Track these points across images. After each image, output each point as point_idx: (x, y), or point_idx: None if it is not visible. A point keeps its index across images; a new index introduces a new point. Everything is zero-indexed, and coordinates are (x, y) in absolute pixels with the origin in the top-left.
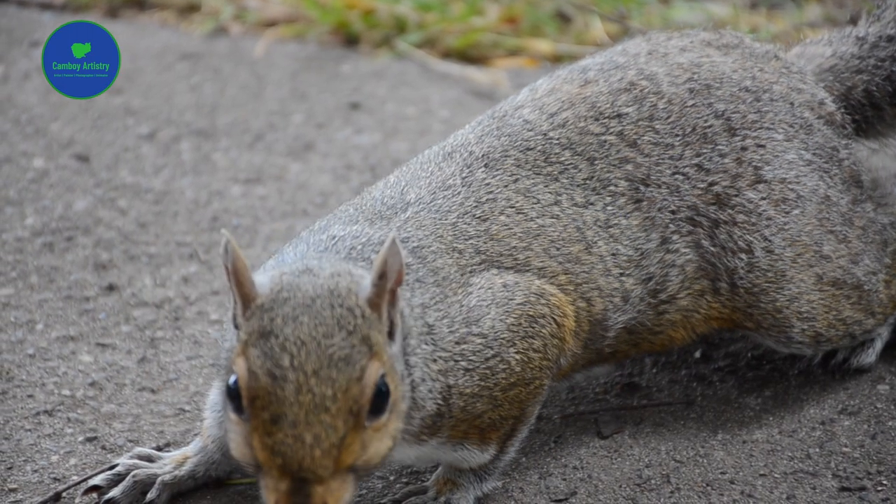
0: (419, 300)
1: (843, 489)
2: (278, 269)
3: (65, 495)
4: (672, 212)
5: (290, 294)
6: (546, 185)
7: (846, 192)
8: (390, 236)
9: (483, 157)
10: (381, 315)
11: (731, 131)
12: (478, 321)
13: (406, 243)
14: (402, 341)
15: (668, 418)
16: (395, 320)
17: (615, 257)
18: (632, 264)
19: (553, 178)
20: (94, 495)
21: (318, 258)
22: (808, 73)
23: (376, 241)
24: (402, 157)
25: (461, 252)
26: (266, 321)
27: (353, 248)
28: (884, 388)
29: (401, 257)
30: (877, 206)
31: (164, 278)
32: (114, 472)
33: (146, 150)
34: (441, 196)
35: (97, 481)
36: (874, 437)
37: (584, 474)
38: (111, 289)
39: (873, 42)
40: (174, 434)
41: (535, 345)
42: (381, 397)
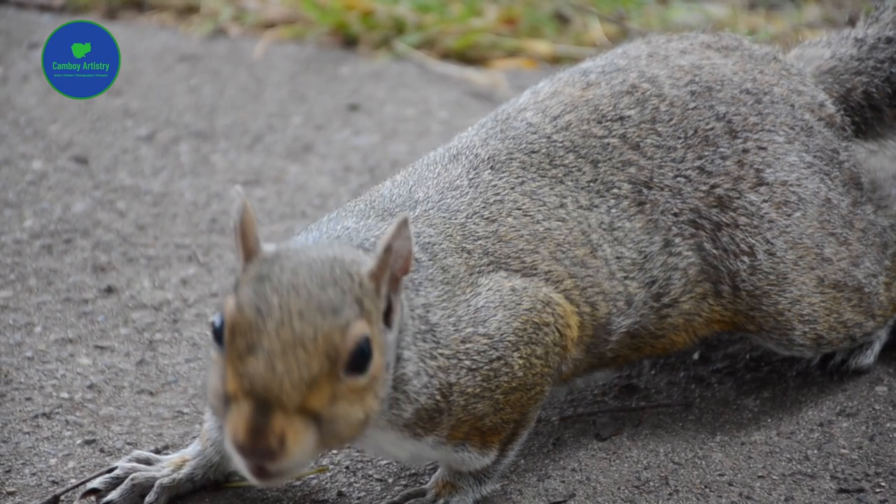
0: (422, 300)
1: (841, 491)
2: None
3: (63, 498)
4: (675, 214)
5: (293, 254)
6: (551, 188)
7: (846, 195)
8: (400, 216)
9: (489, 160)
10: (379, 290)
11: (732, 134)
12: (485, 322)
13: (417, 238)
14: (398, 334)
15: (667, 420)
16: (394, 306)
17: (619, 260)
18: (635, 267)
19: (558, 181)
20: (93, 498)
21: (329, 242)
22: (808, 75)
23: None
24: (401, 158)
25: (470, 252)
26: (264, 269)
27: (365, 239)
28: (882, 389)
29: (410, 243)
30: (877, 208)
31: (162, 280)
32: (112, 475)
33: (145, 152)
34: (449, 196)
35: (95, 484)
36: (872, 439)
37: (583, 476)
38: (110, 291)
39: (872, 44)
40: (173, 437)
41: (538, 352)
42: (363, 357)
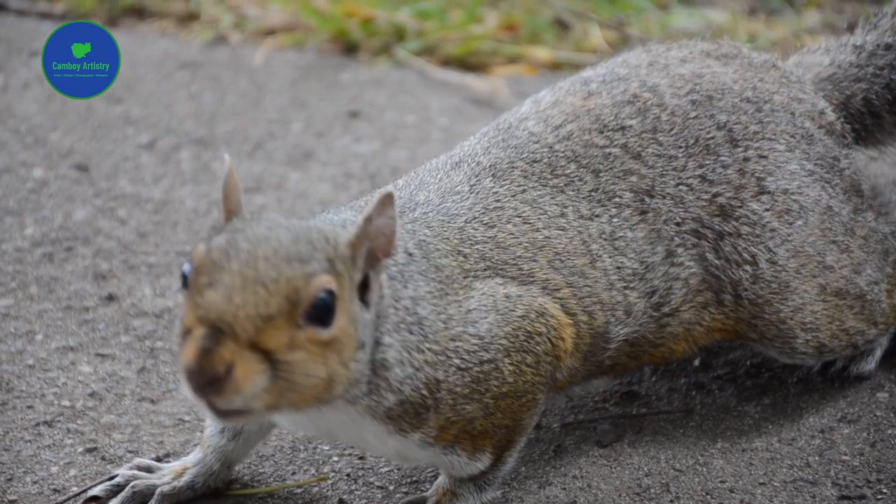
0: (411, 292)
1: (842, 497)
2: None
3: None
4: (677, 224)
5: (273, 216)
6: (552, 197)
7: (847, 202)
8: (383, 190)
9: (490, 168)
10: (355, 259)
11: (733, 142)
12: (476, 322)
13: (413, 236)
14: (377, 318)
15: (668, 427)
16: (371, 284)
17: (619, 270)
18: (636, 277)
19: (559, 190)
20: None
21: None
22: (807, 83)
23: None
24: (402, 165)
25: (466, 256)
26: (241, 224)
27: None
28: (883, 395)
29: (394, 222)
30: (878, 215)
31: (163, 288)
32: (113, 482)
33: (146, 160)
34: (450, 200)
35: (96, 492)
36: (874, 446)
37: (584, 483)
38: (111, 299)
39: (871, 50)
40: (174, 444)
41: (528, 360)
42: (325, 310)
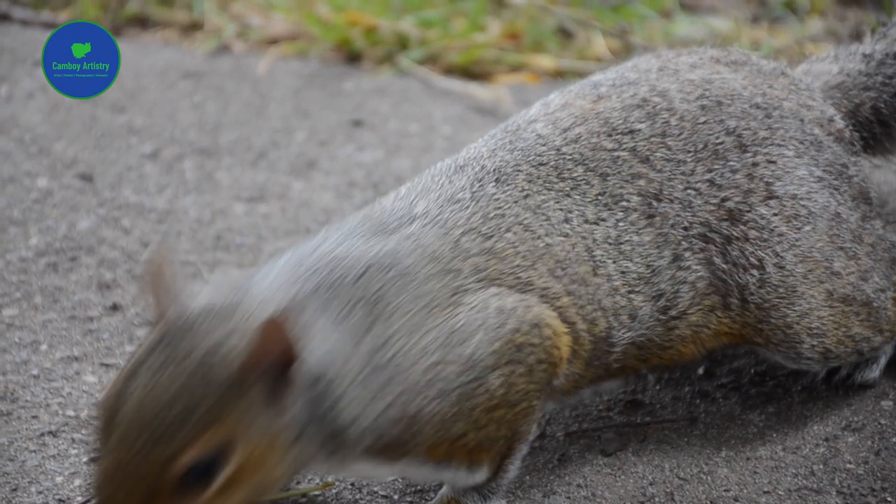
0: (373, 340)
1: None
2: (221, 290)
3: None
4: (685, 228)
5: (181, 332)
6: (557, 202)
7: (856, 209)
8: (269, 316)
9: (495, 171)
10: (251, 384)
11: (742, 147)
12: (460, 344)
13: (397, 265)
14: (313, 396)
15: (672, 435)
16: (284, 392)
17: (624, 275)
18: (642, 281)
19: (565, 195)
20: None
21: (271, 289)
22: (816, 91)
23: (363, 262)
24: (405, 174)
25: (458, 272)
26: (144, 351)
27: (333, 269)
28: (888, 404)
29: (285, 337)
30: (885, 223)
31: None
32: None
33: (149, 169)
34: (448, 210)
35: None
36: (878, 454)
37: (588, 492)
38: (115, 308)
39: (880, 59)
40: None
41: (520, 370)
42: (208, 470)
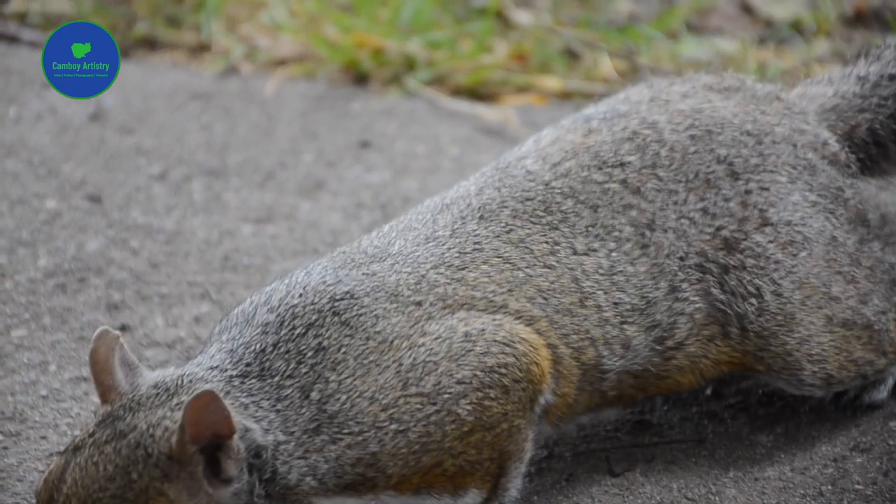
0: (318, 395)
1: None
2: (162, 372)
3: None
4: (681, 258)
5: (126, 409)
6: (543, 235)
7: (853, 232)
8: (198, 392)
9: (479, 209)
10: (190, 458)
11: (734, 175)
12: (419, 381)
13: (347, 312)
14: (260, 463)
15: (680, 456)
16: (224, 465)
17: (616, 306)
18: (636, 312)
19: (552, 227)
20: None
21: (214, 361)
22: (811, 114)
23: (316, 309)
24: (413, 194)
25: (419, 303)
26: (90, 430)
27: (281, 323)
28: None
29: (219, 411)
30: (885, 245)
31: (175, 318)
32: None
33: (158, 190)
34: (423, 249)
35: None
36: (886, 475)
37: None
38: (123, 329)
39: (875, 81)
40: None
41: (493, 394)
42: None
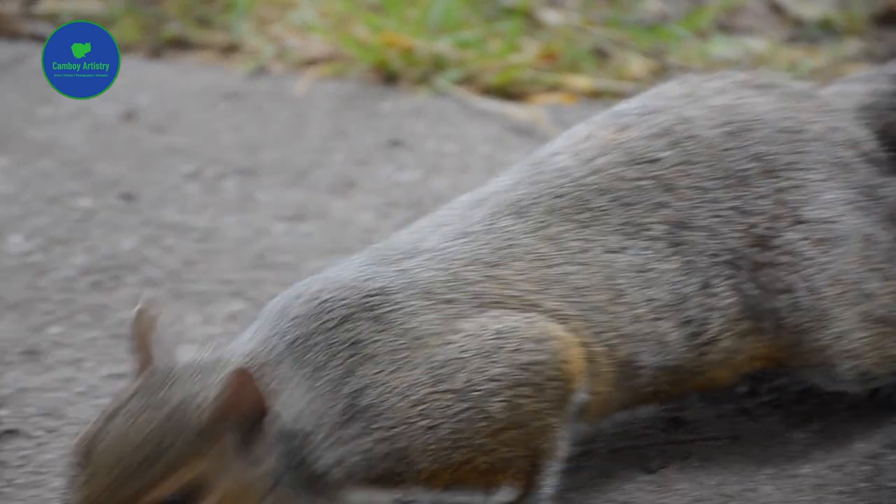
0: (350, 389)
1: None
2: (203, 351)
3: None
4: (713, 255)
5: (163, 381)
6: (577, 232)
7: (888, 230)
8: (237, 368)
9: (513, 205)
10: (219, 437)
11: (768, 173)
12: (450, 377)
13: (380, 308)
14: (290, 448)
15: (715, 453)
16: (255, 445)
17: (650, 303)
18: (669, 309)
19: (585, 225)
20: None
21: (250, 344)
22: (847, 111)
23: (349, 304)
24: (444, 193)
25: (451, 301)
26: (125, 397)
27: (316, 315)
28: None
29: (253, 391)
30: None
31: (209, 316)
32: None
33: (191, 189)
34: (456, 245)
35: None
36: None
37: None
38: None
39: None
40: None
41: (525, 391)
42: None
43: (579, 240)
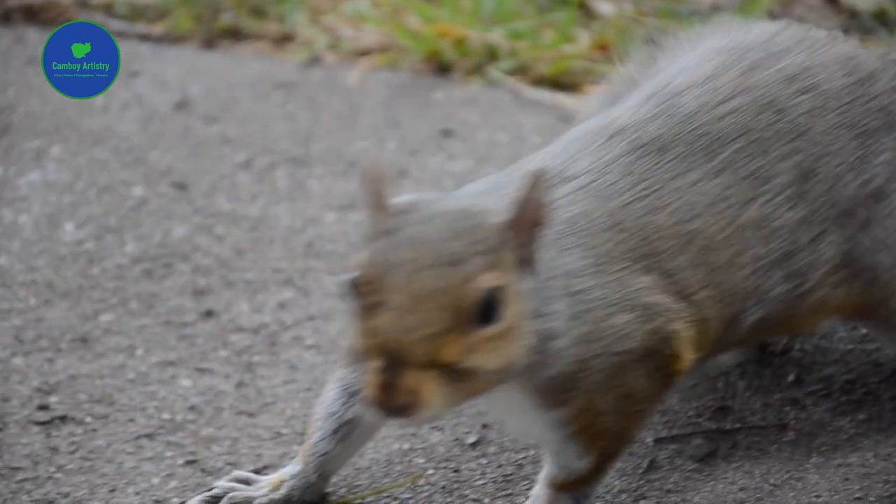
0: (567, 265)
1: None
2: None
3: None
4: (831, 206)
5: (422, 206)
6: (711, 179)
7: None
8: (533, 170)
9: (651, 143)
10: (512, 240)
11: (890, 126)
12: (624, 311)
13: (566, 211)
14: (538, 287)
15: (762, 442)
16: (530, 255)
17: (767, 256)
18: (781, 260)
19: (719, 172)
20: None
21: (463, 195)
22: None
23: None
24: None
25: (619, 242)
26: (392, 223)
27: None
28: None
29: (546, 198)
30: None
31: (260, 304)
32: (211, 494)
33: (242, 178)
34: (605, 177)
35: (194, 503)
36: None
37: (679, 497)
38: (209, 314)
39: None
40: (272, 457)
41: (651, 367)
42: (492, 307)
43: (715, 186)
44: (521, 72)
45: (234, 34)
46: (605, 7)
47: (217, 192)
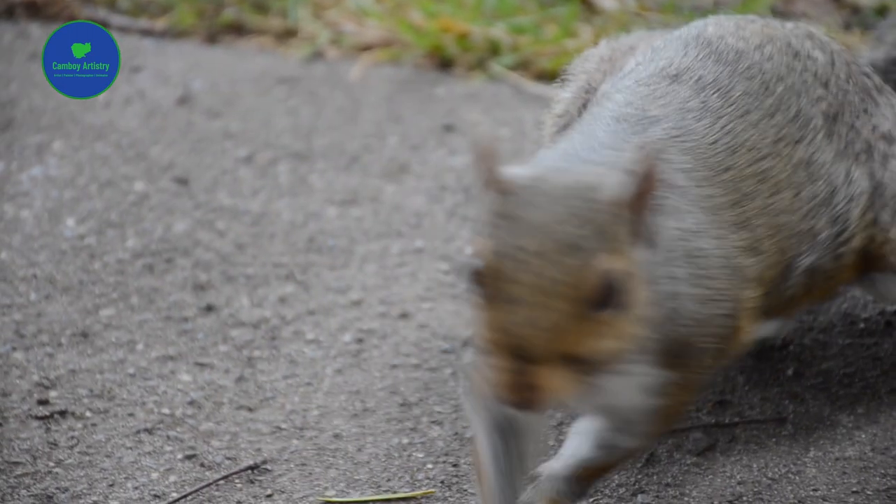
0: (678, 224)
1: None
2: (534, 165)
3: None
4: (855, 143)
5: (537, 183)
6: (767, 121)
7: None
8: (642, 142)
9: (713, 84)
10: (629, 214)
11: (879, 89)
12: (727, 274)
13: (672, 163)
14: (660, 251)
15: (760, 436)
16: (646, 226)
17: (814, 198)
18: (825, 203)
19: (770, 114)
20: None
21: (574, 164)
22: None
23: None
24: None
25: (715, 195)
26: (509, 207)
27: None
28: None
29: (656, 168)
30: None
31: (261, 299)
32: None
33: (244, 173)
34: (687, 119)
35: None
36: None
37: (677, 491)
38: (209, 309)
39: None
40: (271, 452)
41: (715, 347)
42: (611, 291)
43: (772, 127)
44: (523, 67)
45: (237, 29)
46: (607, 2)
47: (219, 186)
